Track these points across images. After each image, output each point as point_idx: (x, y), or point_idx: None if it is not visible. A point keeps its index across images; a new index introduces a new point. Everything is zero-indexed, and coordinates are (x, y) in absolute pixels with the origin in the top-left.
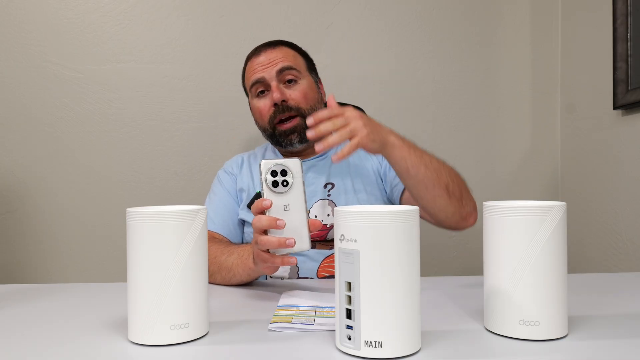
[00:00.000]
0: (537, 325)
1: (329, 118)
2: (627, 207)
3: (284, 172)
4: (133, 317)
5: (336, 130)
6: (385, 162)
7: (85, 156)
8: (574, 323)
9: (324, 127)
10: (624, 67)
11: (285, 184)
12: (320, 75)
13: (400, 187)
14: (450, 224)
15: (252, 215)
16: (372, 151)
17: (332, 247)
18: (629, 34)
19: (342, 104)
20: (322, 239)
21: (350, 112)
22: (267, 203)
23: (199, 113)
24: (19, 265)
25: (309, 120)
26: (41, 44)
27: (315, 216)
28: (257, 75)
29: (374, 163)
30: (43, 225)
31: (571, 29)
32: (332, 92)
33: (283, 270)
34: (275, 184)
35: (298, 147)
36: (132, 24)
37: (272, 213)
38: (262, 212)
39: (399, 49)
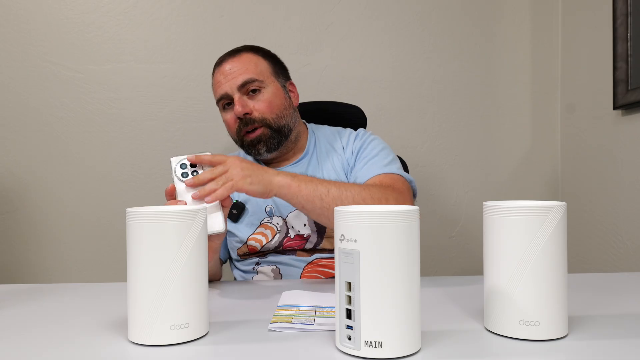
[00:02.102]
0: (537, 325)
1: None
2: (627, 207)
3: (193, 165)
4: (133, 317)
5: (214, 178)
6: (353, 157)
7: (85, 156)
8: (574, 323)
9: (203, 176)
10: (624, 67)
11: (195, 174)
12: (320, 75)
13: (359, 179)
14: None
15: (231, 223)
16: (255, 194)
17: (313, 254)
18: (629, 34)
19: (342, 104)
20: (300, 248)
21: (230, 160)
22: (168, 188)
23: (199, 113)
24: (19, 265)
25: (189, 181)
26: (41, 44)
27: (292, 227)
28: (221, 91)
29: (343, 159)
30: (43, 225)
31: (571, 29)
32: (332, 92)
33: (267, 278)
34: (184, 175)
35: (267, 156)
36: (132, 23)
37: (186, 200)
38: (174, 199)
39: (399, 49)
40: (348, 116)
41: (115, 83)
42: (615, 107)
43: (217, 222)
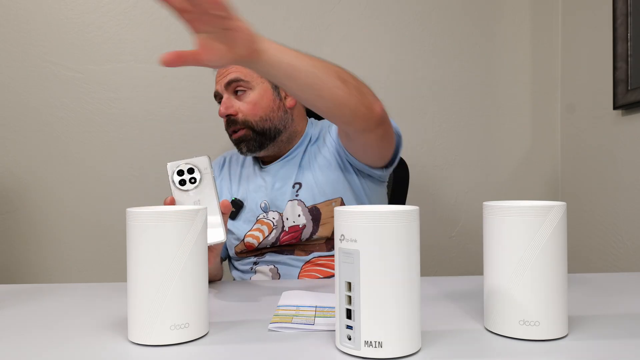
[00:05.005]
0: (537, 325)
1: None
2: (627, 207)
3: (190, 170)
4: (133, 317)
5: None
6: (334, 141)
7: (85, 156)
8: (574, 323)
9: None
10: (624, 67)
11: (193, 181)
12: None
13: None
14: (358, 119)
15: (229, 220)
16: (240, 51)
17: (310, 252)
18: (629, 34)
19: None
20: (297, 240)
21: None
22: (166, 201)
23: (199, 113)
24: (19, 265)
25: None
26: (41, 44)
27: (287, 218)
28: (215, 89)
29: (331, 146)
30: (43, 225)
31: (571, 29)
32: None
33: (265, 278)
34: (182, 182)
35: (248, 155)
36: (132, 23)
37: (185, 203)
38: None
39: (399, 49)
40: None
41: (115, 83)
42: (615, 107)
43: (217, 232)
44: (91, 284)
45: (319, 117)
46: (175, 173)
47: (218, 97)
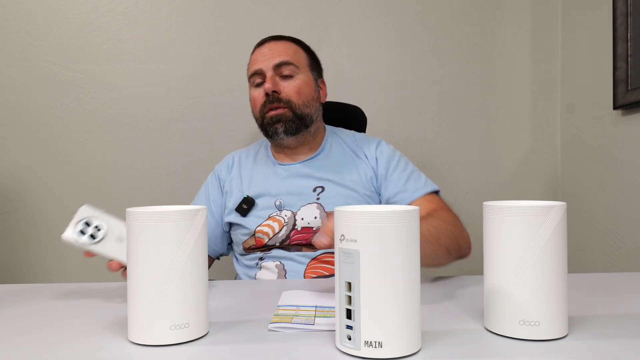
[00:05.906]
0: (537, 325)
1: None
2: (627, 207)
3: (87, 224)
4: (133, 317)
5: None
6: (382, 167)
7: (85, 156)
8: (574, 323)
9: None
10: (624, 67)
11: (99, 228)
12: None
13: (405, 197)
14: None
15: (240, 217)
16: None
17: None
18: (629, 34)
19: (342, 104)
20: (308, 242)
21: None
22: (111, 264)
23: (199, 113)
24: (19, 265)
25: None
26: (41, 44)
27: (302, 219)
28: (256, 67)
29: (367, 168)
30: (43, 225)
31: (571, 29)
32: (332, 92)
33: (271, 274)
34: (93, 236)
35: (284, 138)
36: (132, 23)
37: (114, 250)
38: (122, 267)
39: (399, 49)
40: (348, 116)
41: (115, 83)
42: (615, 107)
43: None
44: (91, 283)
45: (333, 123)
46: (80, 235)
47: (258, 76)
